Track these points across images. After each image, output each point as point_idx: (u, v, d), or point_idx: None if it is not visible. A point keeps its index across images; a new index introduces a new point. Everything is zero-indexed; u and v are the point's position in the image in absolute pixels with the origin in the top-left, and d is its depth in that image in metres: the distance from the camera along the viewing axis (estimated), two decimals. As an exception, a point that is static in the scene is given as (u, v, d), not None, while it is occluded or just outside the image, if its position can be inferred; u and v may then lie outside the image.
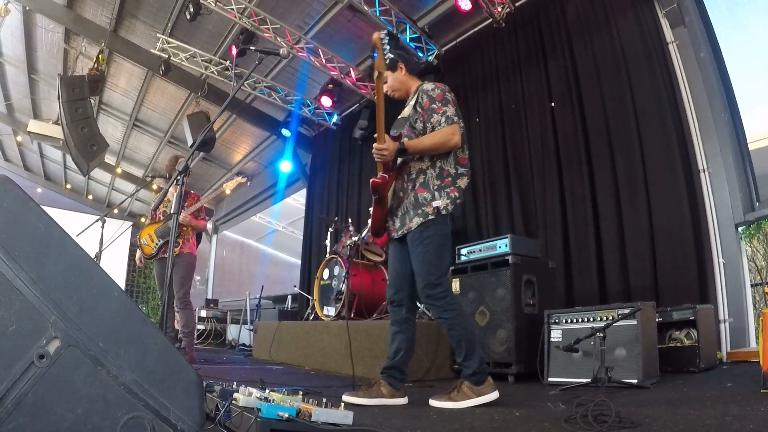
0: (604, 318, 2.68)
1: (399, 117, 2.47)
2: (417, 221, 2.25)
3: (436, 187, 2.29)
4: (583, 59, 4.49)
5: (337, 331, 3.94)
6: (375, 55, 2.25)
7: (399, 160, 2.35)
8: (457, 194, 2.31)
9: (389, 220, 2.42)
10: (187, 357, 4.14)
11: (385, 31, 2.31)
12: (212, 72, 7.05)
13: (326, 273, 4.96)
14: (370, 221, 2.59)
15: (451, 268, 3.66)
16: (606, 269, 4.01)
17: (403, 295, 2.35)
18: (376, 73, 2.22)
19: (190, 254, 4.41)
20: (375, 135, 2.23)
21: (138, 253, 4.63)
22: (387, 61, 2.41)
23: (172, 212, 2.35)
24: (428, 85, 2.40)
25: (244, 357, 5.77)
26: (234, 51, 6.01)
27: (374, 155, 2.24)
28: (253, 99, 7.97)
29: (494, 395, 2.15)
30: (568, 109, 4.52)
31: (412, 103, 2.42)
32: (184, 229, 4.39)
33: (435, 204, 2.25)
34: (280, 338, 4.95)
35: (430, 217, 2.24)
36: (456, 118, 2.31)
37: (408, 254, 2.33)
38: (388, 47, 2.26)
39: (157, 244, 4.42)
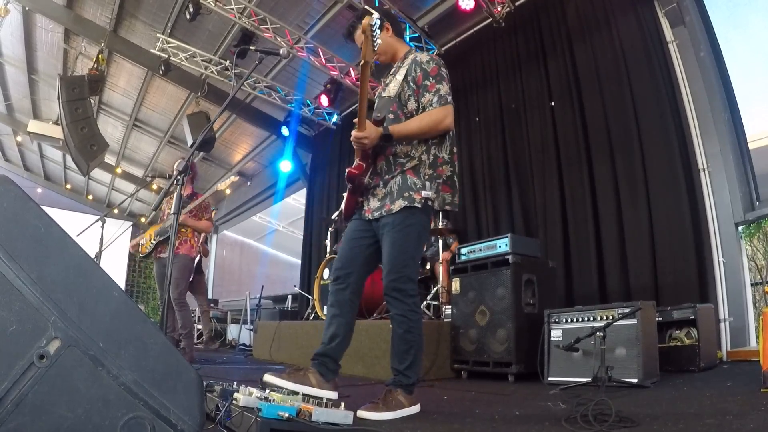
0: (604, 317, 2.68)
1: (383, 95, 2.20)
2: (400, 204, 2.01)
3: (427, 176, 2.05)
4: (583, 59, 4.49)
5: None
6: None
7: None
8: (450, 190, 2.09)
9: (364, 199, 2.17)
10: (186, 357, 4.14)
11: (377, 15, 1.99)
12: (212, 72, 7.05)
13: (326, 273, 4.96)
14: (342, 206, 2.27)
15: (452, 267, 3.67)
16: (606, 269, 4.01)
17: (352, 276, 2.12)
18: (362, 61, 1.96)
19: (185, 256, 4.34)
20: (355, 120, 1.98)
21: (136, 243, 4.63)
22: (358, 18, 2.18)
23: (171, 212, 2.34)
24: (423, 56, 2.13)
25: (244, 357, 5.77)
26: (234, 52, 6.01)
27: (353, 143, 2.00)
28: (253, 99, 7.97)
29: (419, 407, 2.04)
30: (568, 108, 4.52)
31: (400, 76, 2.13)
32: (183, 230, 4.33)
33: (424, 194, 2.02)
34: (281, 338, 4.95)
35: (416, 204, 2.01)
36: (449, 98, 2.07)
37: (373, 237, 2.12)
38: (378, 32, 1.93)
39: (152, 243, 4.40)
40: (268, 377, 1.96)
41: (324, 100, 7.05)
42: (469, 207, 5.31)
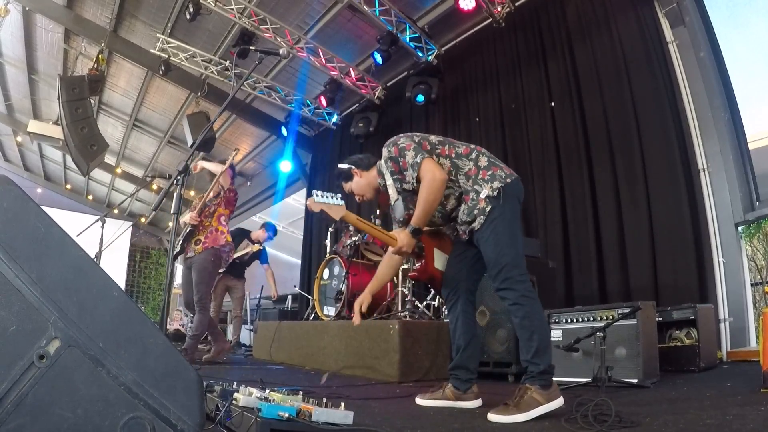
0: (604, 317, 2.68)
1: (392, 205, 2.31)
2: (480, 220, 2.08)
3: (471, 187, 2.13)
4: (583, 59, 4.49)
5: (337, 331, 3.94)
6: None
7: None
8: (493, 173, 2.11)
9: (452, 229, 2.32)
10: (186, 358, 4.09)
11: (344, 167, 2.32)
12: (212, 72, 7.05)
13: (326, 273, 4.96)
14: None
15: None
16: (606, 269, 4.01)
17: (459, 290, 2.23)
18: (339, 218, 2.17)
19: (209, 251, 4.05)
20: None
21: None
22: (342, 178, 2.37)
23: (172, 212, 2.33)
24: (384, 153, 2.24)
25: (244, 357, 5.76)
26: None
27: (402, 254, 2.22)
28: (253, 99, 7.97)
29: (561, 401, 1.88)
30: (568, 109, 4.52)
31: (389, 181, 2.24)
32: (206, 222, 4.12)
33: (483, 195, 2.07)
34: (280, 338, 4.95)
35: (488, 208, 2.05)
36: (421, 156, 2.10)
37: (473, 248, 2.19)
38: (328, 198, 2.14)
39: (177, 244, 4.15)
40: (419, 401, 2.20)
41: (322, 100, 7.06)
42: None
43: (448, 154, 2.19)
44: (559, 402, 1.87)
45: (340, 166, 2.36)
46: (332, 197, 2.18)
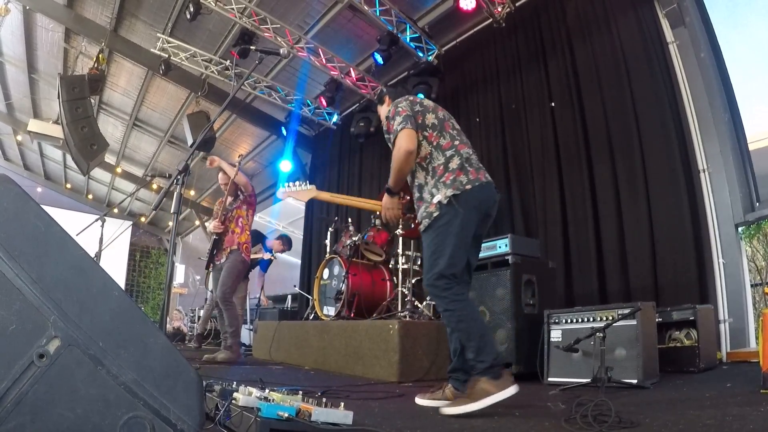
0: (604, 318, 2.68)
1: None
2: (425, 223, 2.18)
3: (432, 185, 2.18)
4: (583, 59, 4.49)
5: (337, 331, 3.94)
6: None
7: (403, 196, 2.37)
8: (455, 177, 2.13)
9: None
10: (234, 356, 4.15)
11: (285, 183, 2.74)
12: (212, 72, 7.05)
13: (326, 273, 4.96)
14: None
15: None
16: (606, 269, 4.01)
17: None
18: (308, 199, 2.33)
19: (234, 253, 4.29)
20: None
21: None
22: (377, 101, 2.55)
23: (171, 212, 2.33)
24: (384, 109, 2.39)
25: (243, 357, 5.76)
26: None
27: (386, 219, 2.37)
28: (253, 99, 7.97)
29: (514, 388, 1.92)
30: (568, 109, 4.52)
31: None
32: (231, 225, 4.36)
33: (435, 200, 2.13)
34: (280, 338, 4.95)
35: (435, 214, 2.12)
36: (403, 125, 2.15)
37: None
38: (297, 186, 2.39)
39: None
40: (419, 400, 2.19)
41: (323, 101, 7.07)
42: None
43: (431, 141, 2.22)
44: (511, 390, 1.92)
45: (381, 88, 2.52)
46: (301, 185, 2.28)
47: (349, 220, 5.48)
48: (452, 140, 2.24)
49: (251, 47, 4.68)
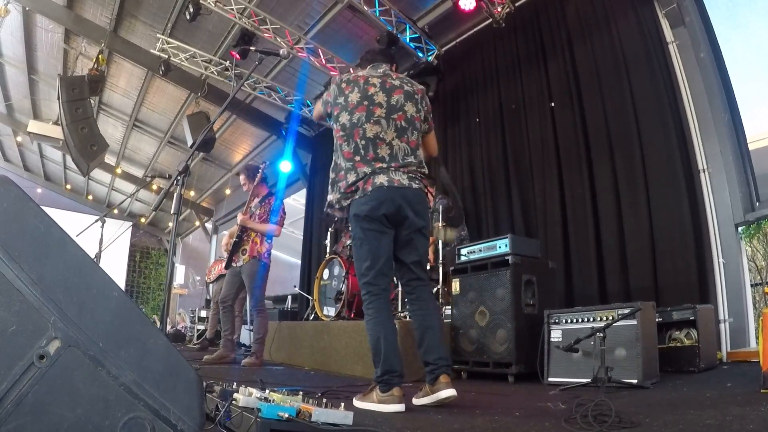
0: (604, 318, 2.68)
1: None
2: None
3: (330, 180, 2.29)
4: (583, 59, 4.49)
5: (337, 331, 3.94)
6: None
7: None
8: (347, 186, 2.18)
9: None
10: (257, 360, 4.19)
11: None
12: (212, 72, 7.05)
13: (326, 273, 4.96)
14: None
15: (451, 268, 3.66)
16: (606, 269, 4.01)
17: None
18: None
19: (254, 260, 4.36)
20: None
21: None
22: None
23: (171, 212, 2.33)
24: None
25: (243, 357, 5.76)
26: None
27: None
28: (253, 99, 7.97)
29: (395, 407, 2.01)
30: (568, 109, 4.52)
31: None
32: (252, 235, 4.47)
33: (328, 198, 2.27)
34: (280, 338, 4.95)
35: (326, 210, 2.26)
36: (319, 105, 2.34)
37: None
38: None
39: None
40: (416, 401, 2.19)
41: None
42: (469, 207, 5.31)
43: (337, 140, 2.31)
44: (391, 408, 2.00)
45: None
46: None
47: (349, 220, 5.47)
48: (357, 154, 2.24)
49: (251, 48, 4.69)
